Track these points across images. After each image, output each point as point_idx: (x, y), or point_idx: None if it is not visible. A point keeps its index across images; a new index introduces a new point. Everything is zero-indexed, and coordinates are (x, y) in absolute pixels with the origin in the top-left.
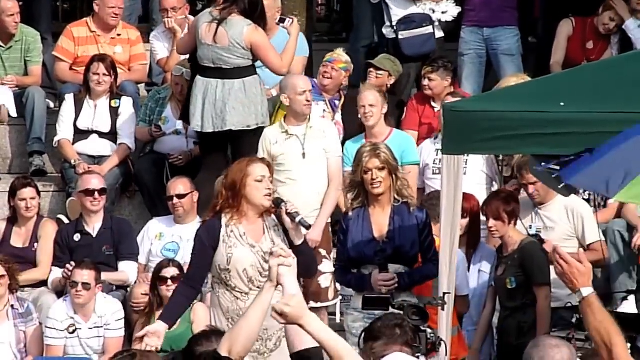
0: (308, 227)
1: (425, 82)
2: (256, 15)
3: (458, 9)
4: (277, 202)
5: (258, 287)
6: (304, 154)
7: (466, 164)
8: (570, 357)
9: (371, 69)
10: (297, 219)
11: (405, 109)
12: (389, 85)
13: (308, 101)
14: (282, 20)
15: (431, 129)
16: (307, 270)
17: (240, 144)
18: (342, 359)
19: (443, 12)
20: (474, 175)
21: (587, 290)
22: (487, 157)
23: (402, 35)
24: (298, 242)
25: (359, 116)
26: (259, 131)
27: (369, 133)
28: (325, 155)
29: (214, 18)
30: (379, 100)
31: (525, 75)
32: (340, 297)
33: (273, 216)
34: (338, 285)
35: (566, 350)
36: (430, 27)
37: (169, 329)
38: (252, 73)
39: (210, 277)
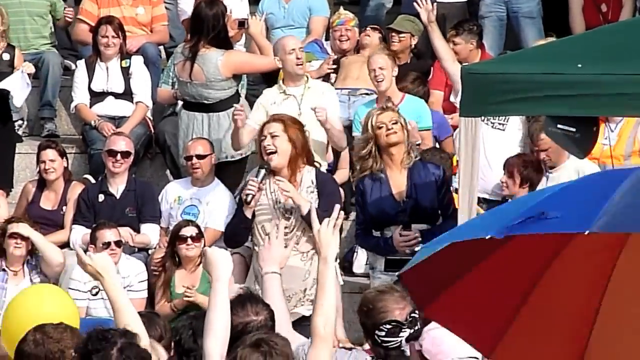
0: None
1: (450, 46)
2: (222, 35)
3: None
4: None
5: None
6: (299, 114)
7: (507, 121)
8: None
9: (392, 33)
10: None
11: (432, 68)
12: (412, 46)
13: (299, 58)
14: (241, 24)
15: (456, 91)
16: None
17: (223, 175)
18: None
19: None
20: (512, 134)
21: None
22: (524, 117)
23: None
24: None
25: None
26: (242, 160)
27: (382, 98)
28: None
29: (186, 56)
30: (389, 63)
31: (553, 38)
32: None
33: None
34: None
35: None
36: None
37: None
38: (236, 102)
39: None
